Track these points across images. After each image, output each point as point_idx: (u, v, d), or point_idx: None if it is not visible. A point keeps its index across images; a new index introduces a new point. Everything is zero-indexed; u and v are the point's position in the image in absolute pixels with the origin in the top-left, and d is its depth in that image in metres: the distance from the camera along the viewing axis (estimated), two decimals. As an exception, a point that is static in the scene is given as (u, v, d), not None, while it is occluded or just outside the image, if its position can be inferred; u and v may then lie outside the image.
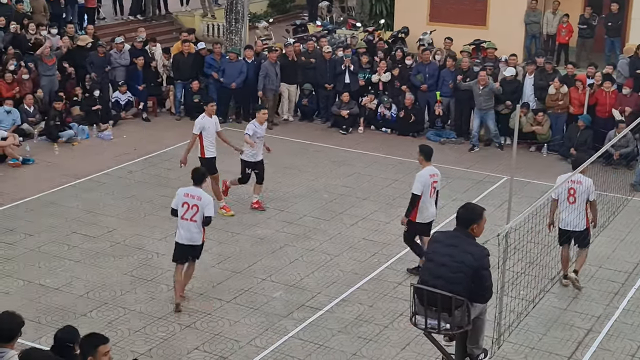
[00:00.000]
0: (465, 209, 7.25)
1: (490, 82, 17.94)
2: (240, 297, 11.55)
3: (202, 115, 14.20)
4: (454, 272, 6.82)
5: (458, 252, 6.90)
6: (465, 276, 6.83)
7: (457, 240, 7.00)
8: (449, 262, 6.86)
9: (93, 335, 6.82)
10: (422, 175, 11.96)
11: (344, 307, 11.33)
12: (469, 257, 6.86)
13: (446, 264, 6.87)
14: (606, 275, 12.39)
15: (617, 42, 22.35)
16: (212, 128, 14.14)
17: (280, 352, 10.20)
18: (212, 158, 14.21)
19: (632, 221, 14.30)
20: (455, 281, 6.80)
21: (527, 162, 17.13)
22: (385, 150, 18.17)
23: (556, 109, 17.95)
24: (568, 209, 11.55)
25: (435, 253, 7.04)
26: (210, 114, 14.16)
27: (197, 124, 14.09)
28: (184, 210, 10.95)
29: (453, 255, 6.89)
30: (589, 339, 10.61)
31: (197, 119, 14.27)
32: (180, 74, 20.06)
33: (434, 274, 6.89)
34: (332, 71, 19.68)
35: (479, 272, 6.87)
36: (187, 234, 11.03)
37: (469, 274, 6.84)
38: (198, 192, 10.98)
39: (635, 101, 17.29)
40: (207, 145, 14.13)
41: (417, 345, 10.26)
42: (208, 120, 14.11)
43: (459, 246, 6.94)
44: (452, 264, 6.85)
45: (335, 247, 13.19)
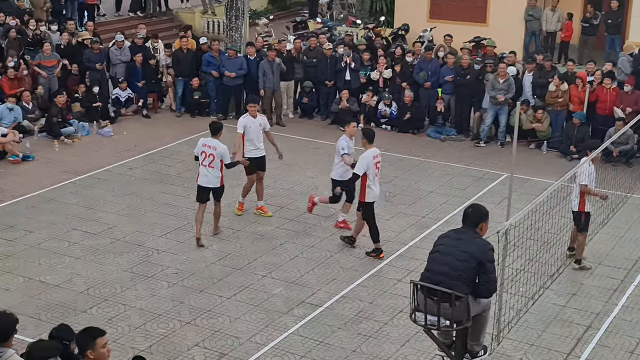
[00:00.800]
0: (474, 209, 7.48)
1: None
2: (241, 293, 11.57)
3: (245, 115, 14.05)
4: (459, 260, 7.03)
5: (464, 243, 7.16)
6: (469, 266, 6.93)
7: (464, 235, 7.23)
8: (455, 251, 7.11)
9: (90, 328, 6.84)
10: (366, 157, 12.53)
11: (344, 304, 11.35)
12: (474, 247, 7.09)
13: (452, 253, 7.12)
14: (605, 272, 12.41)
15: (617, 40, 22.36)
16: (253, 128, 13.84)
17: (280, 348, 10.22)
18: (253, 158, 13.90)
19: (632, 218, 14.32)
20: (460, 268, 6.95)
21: (527, 160, 17.15)
22: (385, 147, 18.08)
23: (556, 107, 17.96)
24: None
25: (443, 245, 7.28)
26: (253, 114, 13.88)
27: (240, 124, 13.92)
28: (203, 157, 12.78)
29: (459, 245, 7.15)
30: (588, 336, 10.63)
31: (240, 119, 14.08)
32: (180, 70, 20.07)
33: (440, 261, 7.11)
34: (333, 68, 19.69)
35: (484, 265, 7.01)
36: (205, 178, 12.87)
37: (473, 264, 6.95)
38: (214, 143, 12.77)
39: (636, 99, 17.29)
40: (247, 145, 13.89)
41: (417, 342, 10.28)
42: (250, 120, 13.84)
43: (465, 239, 7.17)
44: (457, 252, 7.10)
45: (335, 244, 13.20)
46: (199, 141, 12.94)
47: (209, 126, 13.08)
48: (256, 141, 13.95)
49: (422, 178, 16.28)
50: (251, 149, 13.94)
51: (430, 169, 16.83)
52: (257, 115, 14.06)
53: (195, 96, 19.92)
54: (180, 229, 13.63)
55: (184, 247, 12.95)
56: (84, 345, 6.67)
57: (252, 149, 13.95)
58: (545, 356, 10.16)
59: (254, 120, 13.91)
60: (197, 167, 13.02)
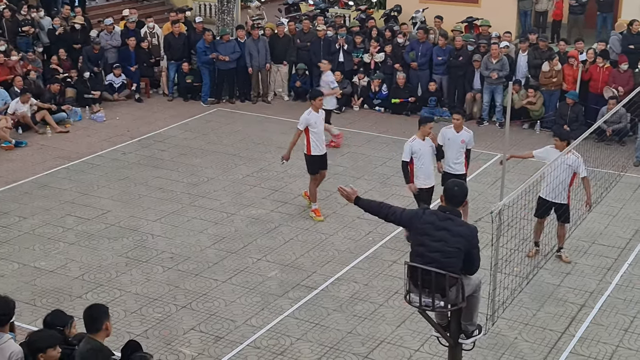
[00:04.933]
0: (460, 186, 7.15)
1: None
2: (236, 277, 11.59)
3: (309, 111, 13.16)
4: (446, 257, 6.80)
5: (451, 236, 6.82)
6: (458, 260, 6.85)
7: (448, 222, 6.90)
8: (443, 247, 6.81)
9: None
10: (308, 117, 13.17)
11: (339, 286, 11.38)
12: (462, 240, 6.83)
13: (440, 249, 6.81)
14: (599, 250, 12.46)
15: (609, 18, 22.28)
16: (319, 124, 13.25)
17: (276, 331, 10.26)
18: (317, 156, 13.38)
19: (625, 197, 14.36)
20: (449, 265, 6.80)
21: (520, 140, 17.15)
22: (379, 129, 18.18)
23: (549, 86, 17.95)
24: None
25: (427, 237, 6.92)
26: (317, 108, 13.18)
27: (302, 120, 13.16)
28: None
29: (446, 240, 6.81)
30: (583, 314, 10.68)
31: (303, 115, 13.19)
32: (172, 54, 20.00)
33: (427, 260, 6.85)
34: (327, 50, 19.64)
35: (470, 253, 6.88)
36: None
37: (461, 257, 6.86)
38: None
39: (629, 78, 17.28)
40: (313, 140, 13.25)
41: (412, 323, 10.32)
42: (315, 116, 13.16)
43: (450, 229, 6.86)
44: (445, 249, 6.80)
45: (330, 226, 13.21)
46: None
47: None
48: (323, 138, 13.51)
49: (416, 159, 16.25)
50: (319, 146, 13.38)
51: (424, 150, 16.80)
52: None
53: (188, 80, 19.87)
54: (175, 213, 13.63)
55: (179, 232, 12.95)
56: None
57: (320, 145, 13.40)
58: (539, 335, 10.20)
59: (318, 115, 13.24)
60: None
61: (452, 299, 6.90)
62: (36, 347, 6.69)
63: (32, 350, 6.71)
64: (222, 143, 17.08)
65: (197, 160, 16.03)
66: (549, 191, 11.66)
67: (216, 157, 16.21)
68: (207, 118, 18.83)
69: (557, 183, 11.46)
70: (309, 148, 13.33)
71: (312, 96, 13.45)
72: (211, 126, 18.19)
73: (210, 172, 15.47)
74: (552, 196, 11.67)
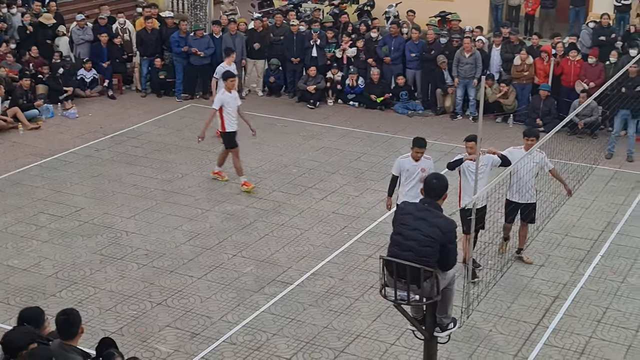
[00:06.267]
0: (438, 179, 7.21)
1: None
2: (211, 273, 11.57)
3: (222, 91, 14.32)
4: (422, 246, 6.83)
5: (427, 225, 6.88)
6: (433, 250, 6.87)
7: (426, 213, 6.97)
8: (418, 235, 6.86)
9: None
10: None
11: (314, 281, 11.40)
12: (437, 230, 6.86)
13: (415, 238, 6.86)
14: (572, 242, 12.57)
15: (581, 12, 22.48)
16: (232, 102, 14.23)
17: (252, 327, 10.25)
18: (232, 132, 14.33)
19: (597, 189, 14.50)
20: (424, 255, 6.83)
21: (493, 133, 17.25)
22: (353, 124, 18.20)
23: (521, 80, 18.07)
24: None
25: (404, 226, 7.01)
26: (229, 88, 14.23)
27: (217, 100, 14.31)
28: None
29: (422, 229, 6.87)
30: (556, 306, 10.78)
31: (217, 94, 14.49)
32: (144, 50, 19.88)
33: (403, 248, 6.90)
34: (300, 45, 19.63)
35: (445, 247, 6.89)
36: None
37: (436, 247, 6.87)
38: None
39: (600, 71, 17.44)
40: (227, 119, 14.21)
41: (388, 317, 10.36)
42: (228, 96, 14.20)
43: (428, 219, 6.92)
44: (421, 237, 6.85)
45: (305, 222, 13.22)
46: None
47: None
48: (236, 115, 14.41)
49: (390, 154, 16.31)
50: (232, 123, 14.32)
51: (398, 144, 16.87)
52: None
53: (161, 76, 19.76)
54: (149, 209, 13.57)
55: (153, 228, 12.89)
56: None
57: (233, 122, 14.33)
58: (514, 327, 10.28)
59: (231, 95, 14.27)
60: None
61: (427, 292, 6.93)
62: (17, 346, 6.62)
63: (13, 349, 6.64)
64: (196, 139, 17.00)
65: (171, 157, 15.97)
66: (517, 193, 11.52)
67: (190, 153, 16.16)
68: (181, 114, 18.75)
69: (525, 183, 11.41)
70: (223, 126, 14.30)
71: (224, 77, 14.50)
72: (185, 122, 18.12)
73: (185, 168, 15.42)
74: (520, 197, 11.52)
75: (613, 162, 15.90)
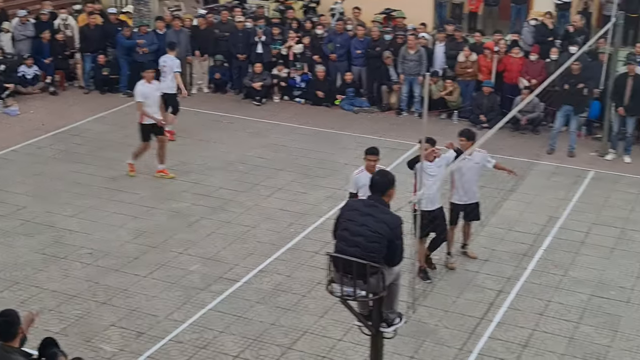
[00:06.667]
0: (382, 175, 7.23)
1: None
2: (157, 271, 11.47)
3: (142, 82, 14.38)
4: (370, 242, 6.85)
5: (374, 221, 6.90)
6: (381, 245, 6.90)
7: (373, 209, 6.99)
8: (365, 231, 6.88)
9: None
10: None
11: (261, 278, 11.38)
12: (384, 226, 6.88)
13: (362, 233, 6.88)
14: (515, 237, 12.76)
15: (523, 10, 22.79)
16: (151, 94, 14.30)
17: (198, 325, 10.19)
18: (148, 124, 14.42)
19: (539, 184, 14.74)
20: (372, 250, 6.86)
21: (438, 130, 17.34)
22: (300, 121, 18.21)
23: (465, 77, 18.28)
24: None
25: (351, 222, 7.01)
26: (148, 80, 14.33)
27: (136, 91, 14.37)
28: None
29: (369, 224, 6.89)
30: (500, 300, 10.93)
31: (137, 86, 14.46)
32: (87, 46, 19.61)
33: (350, 244, 6.92)
34: (245, 41, 19.55)
35: (392, 243, 6.92)
36: None
37: (384, 243, 6.90)
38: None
39: (541, 68, 17.74)
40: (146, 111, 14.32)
41: (335, 313, 10.39)
42: (148, 86, 14.28)
43: (375, 215, 6.94)
44: (368, 233, 6.87)
45: (252, 219, 13.19)
46: None
47: None
48: (156, 107, 14.47)
49: (337, 150, 16.38)
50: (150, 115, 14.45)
51: (344, 140, 16.95)
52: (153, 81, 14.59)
53: (104, 72, 19.51)
54: (93, 208, 13.39)
55: (98, 227, 12.73)
56: None
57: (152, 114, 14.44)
58: (459, 321, 10.41)
59: (151, 86, 14.38)
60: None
61: (373, 288, 6.97)
62: None
63: None
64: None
65: (116, 154, 15.76)
66: (461, 195, 11.45)
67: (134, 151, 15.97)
68: (125, 111, 18.50)
69: (468, 185, 11.38)
70: (141, 117, 14.40)
71: (144, 68, 14.95)
72: (129, 119, 17.83)
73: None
74: (465, 199, 11.47)
75: (555, 157, 16.19)
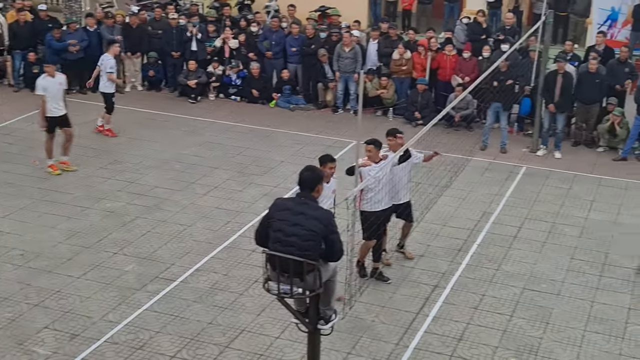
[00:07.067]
0: (311, 171, 7.22)
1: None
2: (91, 272, 11.30)
3: (43, 76, 14.52)
4: (304, 241, 6.86)
5: (306, 219, 6.91)
6: (316, 243, 6.92)
7: (304, 207, 7.00)
8: (299, 231, 6.88)
9: None
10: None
11: (198, 277, 11.31)
12: (317, 223, 6.90)
13: (296, 233, 6.88)
14: (450, 232, 12.94)
15: (456, 8, 23.14)
16: (52, 88, 14.40)
17: (134, 325, 10.08)
18: (51, 117, 14.53)
19: (473, 180, 14.97)
20: (307, 249, 6.87)
21: (374, 127, 17.49)
22: (235, 118, 18.15)
23: (400, 74, 18.45)
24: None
25: (284, 222, 6.99)
26: (50, 74, 14.49)
27: (38, 85, 14.55)
28: None
29: (302, 223, 6.90)
30: (436, 295, 11.07)
31: (38, 79, 14.65)
32: (17, 43, 19.19)
33: (285, 244, 6.91)
34: (179, 39, 19.39)
35: (328, 238, 6.96)
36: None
37: (318, 240, 6.92)
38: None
39: (474, 65, 18.01)
40: (48, 104, 14.40)
41: (272, 311, 10.39)
42: (48, 80, 14.43)
43: (307, 213, 6.95)
44: (302, 232, 6.87)
45: (188, 217, 13.10)
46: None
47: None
48: (59, 100, 14.57)
49: (273, 148, 16.37)
50: (52, 109, 14.49)
51: (280, 138, 16.95)
52: (56, 74, 14.72)
53: (35, 70, 19.07)
54: (25, 208, 13.13)
55: (29, 228, 12.48)
56: None
57: (54, 108, 14.50)
58: (396, 316, 10.51)
59: (53, 80, 14.50)
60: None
61: (309, 285, 6.99)
62: None
63: None
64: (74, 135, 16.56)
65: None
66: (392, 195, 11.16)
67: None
68: (57, 109, 18.18)
69: (398, 184, 11.18)
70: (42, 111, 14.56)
71: (46, 61, 15.64)
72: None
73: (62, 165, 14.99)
74: (396, 199, 11.25)
75: (487, 153, 16.46)
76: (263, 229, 7.17)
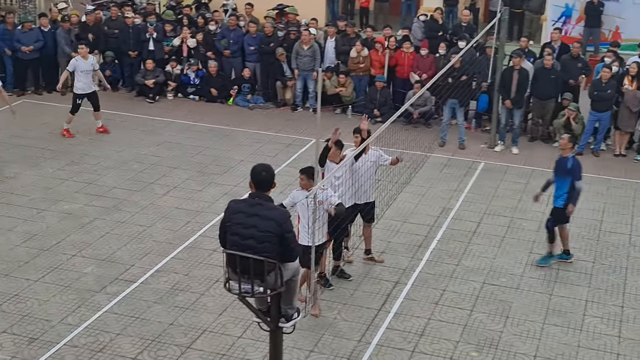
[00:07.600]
0: (266, 170, 7.13)
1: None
2: (49, 275, 11.15)
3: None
4: (261, 243, 6.83)
5: (261, 220, 6.86)
6: (272, 244, 6.88)
7: (258, 208, 6.92)
8: (255, 233, 6.82)
9: None
10: None
11: (159, 278, 11.23)
12: (272, 223, 6.85)
13: (252, 235, 6.82)
14: (410, 229, 13.01)
15: (413, 5, 23.25)
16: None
17: (94, 327, 9.98)
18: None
19: (432, 176, 15.07)
20: (264, 250, 6.83)
21: (333, 125, 17.37)
22: (194, 118, 18.04)
23: (358, 72, 18.50)
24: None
25: (239, 225, 6.92)
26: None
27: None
28: None
29: (258, 225, 6.84)
30: (397, 291, 11.13)
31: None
32: (-30, 43, 18.89)
33: (242, 248, 6.86)
34: (136, 38, 19.22)
35: (283, 237, 6.92)
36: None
37: (275, 240, 6.89)
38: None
39: (431, 63, 18.12)
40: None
41: (234, 310, 10.36)
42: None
43: (261, 214, 6.89)
44: (258, 234, 6.81)
45: (147, 218, 13.00)
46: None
47: None
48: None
49: (232, 147, 16.32)
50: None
51: (240, 137, 16.89)
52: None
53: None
54: (-20, 212, 12.93)
55: (-15, 231, 12.30)
56: None
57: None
58: (358, 313, 10.54)
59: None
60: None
61: (271, 284, 6.98)
62: None
63: None
64: (29, 136, 16.34)
65: (2, 155, 15.23)
66: (354, 196, 11.03)
67: (23, 151, 15.49)
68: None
69: (363, 184, 11.09)
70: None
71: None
72: (16, 118, 17.31)
73: (17, 167, 14.77)
74: (358, 199, 11.08)
75: (446, 149, 16.58)
76: (222, 233, 7.14)
